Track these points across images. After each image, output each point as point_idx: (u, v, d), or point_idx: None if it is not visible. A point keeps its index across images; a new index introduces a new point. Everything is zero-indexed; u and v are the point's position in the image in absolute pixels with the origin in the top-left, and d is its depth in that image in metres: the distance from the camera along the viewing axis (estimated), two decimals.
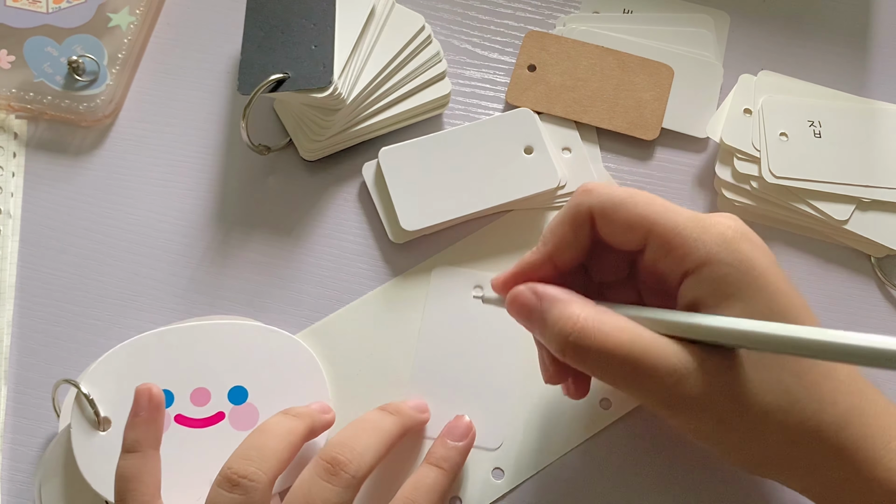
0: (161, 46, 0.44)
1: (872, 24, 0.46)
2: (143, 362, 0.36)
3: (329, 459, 0.31)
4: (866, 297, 0.40)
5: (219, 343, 0.37)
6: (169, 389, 0.36)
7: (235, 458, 0.30)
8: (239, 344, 0.37)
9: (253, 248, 0.40)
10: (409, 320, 0.38)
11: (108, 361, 0.36)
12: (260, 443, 0.31)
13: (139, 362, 0.36)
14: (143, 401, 0.33)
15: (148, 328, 0.38)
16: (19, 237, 0.40)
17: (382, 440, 0.33)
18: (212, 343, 0.37)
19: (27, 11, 0.43)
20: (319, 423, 0.34)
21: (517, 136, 0.40)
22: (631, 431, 0.37)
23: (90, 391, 0.35)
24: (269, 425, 0.32)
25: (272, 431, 0.32)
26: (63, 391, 0.37)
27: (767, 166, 0.39)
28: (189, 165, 0.42)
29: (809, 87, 0.43)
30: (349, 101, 0.38)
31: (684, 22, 0.45)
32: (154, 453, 0.33)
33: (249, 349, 0.37)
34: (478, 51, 0.45)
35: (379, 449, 0.32)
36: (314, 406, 0.35)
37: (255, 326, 0.38)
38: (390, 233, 0.40)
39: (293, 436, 0.32)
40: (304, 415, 0.34)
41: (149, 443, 0.33)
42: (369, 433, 0.32)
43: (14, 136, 0.42)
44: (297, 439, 0.32)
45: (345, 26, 0.39)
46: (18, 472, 0.37)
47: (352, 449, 0.31)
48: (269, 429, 0.32)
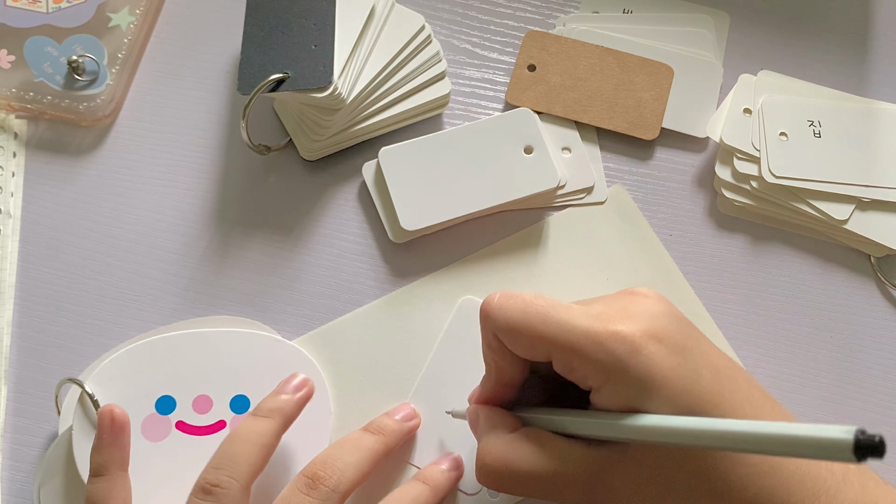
0: (161, 46, 0.44)
1: (872, 24, 0.46)
2: (146, 367, 0.36)
3: (310, 475, 0.31)
4: (866, 296, 0.40)
5: (224, 351, 0.37)
6: (172, 395, 0.36)
7: (208, 468, 0.31)
8: (244, 352, 0.37)
9: (253, 247, 0.40)
10: (413, 334, 0.38)
11: (113, 364, 0.36)
12: (231, 451, 0.32)
13: (143, 366, 0.36)
14: (106, 423, 0.34)
15: (148, 328, 0.38)
16: (19, 237, 0.40)
17: (365, 457, 0.33)
18: (216, 350, 0.37)
19: (27, 11, 0.43)
20: (292, 409, 0.34)
21: (517, 135, 0.40)
22: None
23: (94, 391, 0.35)
24: (239, 432, 0.32)
25: (241, 438, 0.32)
26: (65, 390, 0.37)
27: (767, 166, 0.39)
28: (189, 165, 0.42)
29: (809, 87, 0.43)
30: (349, 100, 0.38)
31: (684, 22, 0.45)
32: (122, 475, 0.33)
33: (254, 358, 0.37)
34: (478, 51, 0.45)
35: (361, 465, 0.32)
36: (283, 396, 0.34)
37: (261, 336, 0.38)
38: (390, 233, 0.40)
39: (264, 438, 0.32)
40: (275, 410, 0.33)
41: (115, 465, 0.33)
42: (351, 451, 0.33)
43: (14, 136, 0.42)
44: (269, 440, 0.32)
45: (345, 26, 0.39)
46: (18, 472, 0.37)
47: (332, 465, 0.32)
48: (239, 435, 0.32)
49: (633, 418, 0.26)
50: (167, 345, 0.37)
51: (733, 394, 0.27)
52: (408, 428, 0.36)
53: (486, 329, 0.30)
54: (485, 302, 0.30)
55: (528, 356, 0.29)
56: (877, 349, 0.39)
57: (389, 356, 0.38)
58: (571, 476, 0.28)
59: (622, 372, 0.26)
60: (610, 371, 0.26)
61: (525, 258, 0.40)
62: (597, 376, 0.27)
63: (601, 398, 0.27)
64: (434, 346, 0.38)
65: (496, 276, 0.40)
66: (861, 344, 0.39)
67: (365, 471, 0.33)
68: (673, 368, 0.26)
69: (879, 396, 0.39)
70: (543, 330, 0.28)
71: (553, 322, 0.28)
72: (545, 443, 0.29)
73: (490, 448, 0.30)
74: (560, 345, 0.27)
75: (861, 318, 0.40)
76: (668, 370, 0.26)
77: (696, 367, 0.27)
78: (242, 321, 0.39)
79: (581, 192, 0.41)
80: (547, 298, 0.29)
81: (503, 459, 0.29)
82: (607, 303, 0.29)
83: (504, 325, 0.29)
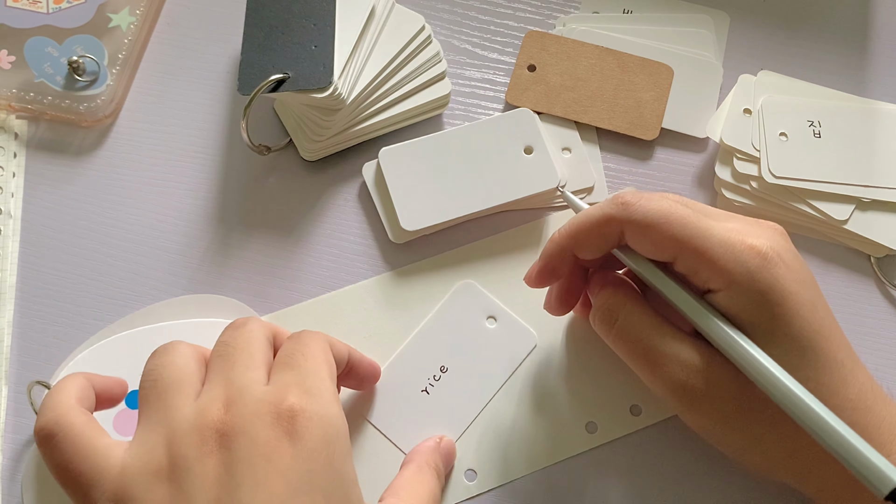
0: (161, 46, 0.44)
1: (872, 24, 0.46)
2: (115, 362, 0.36)
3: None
4: (866, 296, 0.40)
5: (199, 342, 0.36)
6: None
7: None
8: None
9: (253, 248, 0.40)
10: (407, 312, 0.39)
11: (80, 362, 0.36)
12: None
13: (111, 362, 0.36)
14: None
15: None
16: (20, 237, 0.40)
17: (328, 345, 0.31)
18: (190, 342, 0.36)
19: (27, 12, 0.43)
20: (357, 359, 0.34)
21: (517, 136, 0.40)
22: (617, 457, 0.37)
23: None
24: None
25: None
26: (38, 392, 0.37)
27: (767, 166, 0.39)
28: (189, 165, 0.42)
29: (809, 87, 0.43)
30: (349, 101, 0.38)
31: (684, 22, 0.45)
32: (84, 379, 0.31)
33: None
34: (478, 51, 0.45)
35: (326, 349, 0.30)
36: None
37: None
38: (390, 233, 0.40)
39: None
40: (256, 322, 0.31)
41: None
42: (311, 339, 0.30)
43: (14, 137, 0.42)
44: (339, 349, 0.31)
45: (345, 26, 0.39)
46: (19, 472, 0.37)
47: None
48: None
49: (744, 342, 0.28)
50: (133, 340, 0.36)
51: (836, 333, 0.29)
52: (368, 361, 0.35)
53: (610, 216, 0.30)
54: (622, 194, 0.30)
55: (646, 251, 0.30)
56: (877, 349, 0.39)
57: (379, 328, 0.38)
58: (683, 362, 0.29)
59: (748, 281, 0.28)
60: (736, 278, 0.28)
61: (525, 256, 0.40)
62: (720, 280, 0.28)
63: (718, 299, 0.29)
64: (420, 322, 0.38)
65: (494, 269, 0.39)
66: (861, 344, 0.39)
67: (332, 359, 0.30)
68: (794, 293, 0.28)
69: None
70: (681, 232, 0.28)
71: (692, 226, 0.28)
72: (664, 325, 0.30)
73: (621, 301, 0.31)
74: (693, 246, 0.28)
75: (861, 318, 0.40)
76: (790, 292, 0.28)
77: (812, 298, 0.28)
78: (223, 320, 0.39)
79: (581, 193, 0.41)
80: (686, 206, 0.29)
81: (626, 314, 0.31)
82: (741, 220, 0.30)
83: (642, 220, 0.29)
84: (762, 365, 0.27)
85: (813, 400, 0.26)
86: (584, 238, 0.31)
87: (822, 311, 0.28)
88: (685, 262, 0.29)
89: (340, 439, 0.27)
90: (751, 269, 0.27)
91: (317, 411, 0.26)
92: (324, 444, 0.26)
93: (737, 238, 0.28)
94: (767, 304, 0.27)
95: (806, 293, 0.28)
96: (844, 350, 0.29)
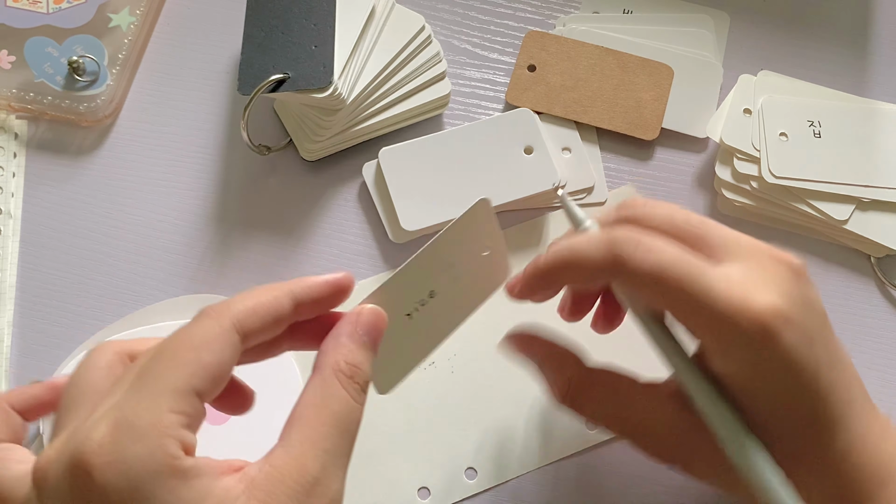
0: (161, 46, 0.44)
1: (872, 24, 0.46)
2: None
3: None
4: (866, 296, 0.40)
5: None
6: None
7: None
8: None
9: (253, 248, 0.40)
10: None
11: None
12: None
13: None
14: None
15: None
16: (20, 237, 0.40)
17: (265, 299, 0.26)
18: None
19: (28, 12, 0.43)
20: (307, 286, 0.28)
21: (517, 136, 0.40)
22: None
23: None
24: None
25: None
26: None
27: (767, 166, 0.39)
28: (189, 165, 0.42)
29: (809, 87, 0.43)
30: (349, 101, 0.38)
31: (684, 22, 0.45)
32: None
33: None
34: (478, 51, 0.45)
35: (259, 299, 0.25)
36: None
37: None
38: (390, 233, 0.40)
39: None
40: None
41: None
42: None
43: (14, 137, 0.42)
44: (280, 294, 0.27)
45: (345, 26, 0.39)
46: None
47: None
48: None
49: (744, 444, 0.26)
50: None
51: (841, 393, 0.27)
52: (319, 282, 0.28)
53: (598, 272, 0.28)
54: (616, 239, 0.27)
55: (635, 299, 0.29)
56: (877, 349, 0.39)
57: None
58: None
59: (745, 354, 0.26)
60: (733, 351, 0.26)
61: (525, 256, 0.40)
62: (717, 348, 0.27)
63: (713, 360, 0.27)
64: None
65: None
66: (861, 344, 0.39)
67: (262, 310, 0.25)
68: (796, 361, 0.26)
69: (879, 396, 0.39)
70: (677, 298, 0.26)
71: (688, 289, 0.26)
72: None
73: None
74: (689, 313, 0.26)
75: (861, 318, 0.40)
76: (792, 361, 0.26)
77: (816, 361, 0.26)
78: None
79: (581, 193, 0.41)
80: (683, 257, 0.26)
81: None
82: (749, 256, 0.27)
83: (634, 278, 0.27)
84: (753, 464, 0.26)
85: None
86: (570, 278, 0.30)
87: (826, 373, 0.27)
88: (681, 317, 0.27)
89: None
90: (751, 342, 0.25)
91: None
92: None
93: (738, 298, 0.25)
94: (766, 379, 0.26)
95: (812, 355, 0.26)
96: (851, 405, 0.28)
